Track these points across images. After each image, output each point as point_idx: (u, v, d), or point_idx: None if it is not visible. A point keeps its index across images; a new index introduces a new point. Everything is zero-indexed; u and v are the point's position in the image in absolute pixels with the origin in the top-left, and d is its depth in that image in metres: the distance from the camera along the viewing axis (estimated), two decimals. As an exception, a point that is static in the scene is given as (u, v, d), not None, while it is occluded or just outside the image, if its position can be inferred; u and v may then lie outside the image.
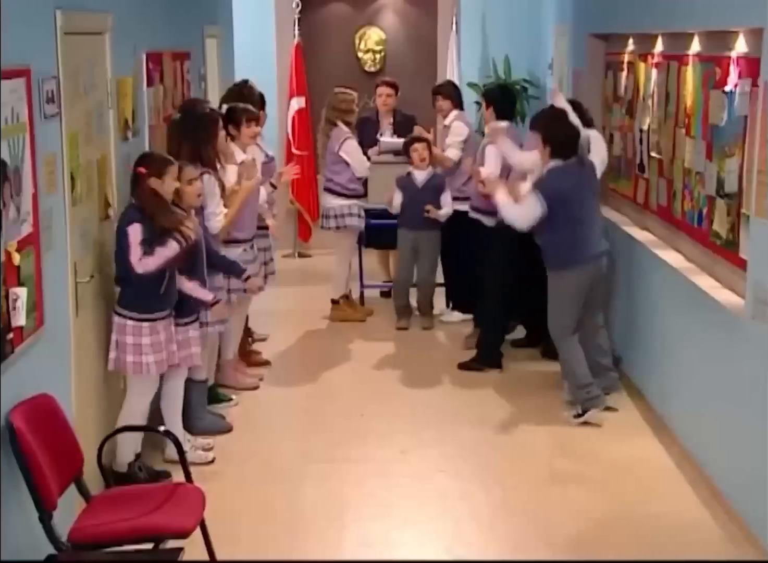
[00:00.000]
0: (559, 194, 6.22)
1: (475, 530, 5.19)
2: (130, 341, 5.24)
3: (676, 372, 6.12)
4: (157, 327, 5.28)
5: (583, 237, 6.34)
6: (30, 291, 4.19)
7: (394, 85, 9.06)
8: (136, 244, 5.14)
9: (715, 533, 5.07)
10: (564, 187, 6.26)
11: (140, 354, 5.24)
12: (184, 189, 5.65)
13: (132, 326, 5.23)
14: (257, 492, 5.57)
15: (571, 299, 6.39)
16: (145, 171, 5.28)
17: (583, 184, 6.38)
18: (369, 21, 11.55)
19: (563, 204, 6.21)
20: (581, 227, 6.33)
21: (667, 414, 6.28)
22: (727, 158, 5.54)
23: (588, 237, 6.38)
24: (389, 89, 8.97)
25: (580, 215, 6.32)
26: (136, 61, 6.17)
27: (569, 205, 6.24)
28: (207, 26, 8.64)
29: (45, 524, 3.89)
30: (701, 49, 6.09)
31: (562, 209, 6.21)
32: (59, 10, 4.68)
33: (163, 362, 5.35)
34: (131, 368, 5.27)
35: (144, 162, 5.34)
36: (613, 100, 8.15)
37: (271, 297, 8.31)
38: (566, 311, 6.40)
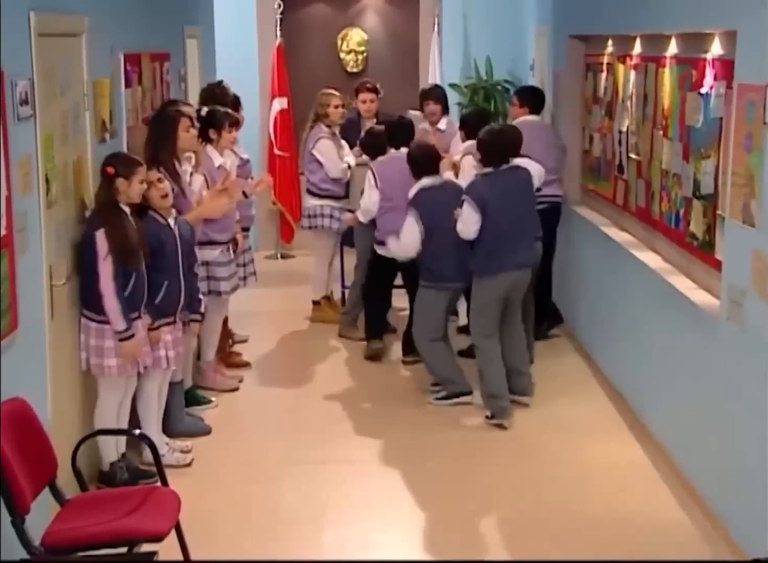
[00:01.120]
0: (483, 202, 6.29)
1: (453, 532, 5.20)
2: (92, 343, 5.23)
3: (653, 372, 6.13)
4: (135, 328, 5.26)
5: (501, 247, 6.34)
6: (4, 294, 4.18)
7: (376, 90, 8.97)
8: (105, 253, 5.11)
9: (692, 533, 5.09)
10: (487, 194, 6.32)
11: (102, 357, 5.23)
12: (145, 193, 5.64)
13: (95, 328, 5.22)
14: (236, 494, 5.56)
15: (483, 307, 6.42)
16: (113, 171, 5.24)
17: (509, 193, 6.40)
18: (351, 22, 11.54)
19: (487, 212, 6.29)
20: (502, 237, 6.33)
21: (644, 414, 6.30)
22: (703, 160, 5.56)
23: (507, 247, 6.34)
24: (371, 95, 8.87)
25: (501, 224, 6.32)
26: (113, 62, 6.15)
27: (492, 214, 6.29)
28: (187, 27, 8.62)
29: (17, 528, 3.87)
30: (678, 51, 6.11)
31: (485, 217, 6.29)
32: (33, 12, 4.66)
33: (127, 365, 5.33)
34: (94, 369, 5.27)
35: (112, 162, 5.31)
36: (593, 101, 8.16)
37: (252, 298, 8.33)
38: (482, 316, 6.43)
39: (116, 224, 5.16)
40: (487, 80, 10.85)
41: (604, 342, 7.25)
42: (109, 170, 5.26)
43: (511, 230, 6.35)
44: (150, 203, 5.64)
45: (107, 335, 5.23)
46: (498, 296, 6.39)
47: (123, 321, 5.19)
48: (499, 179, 6.41)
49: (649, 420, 6.20)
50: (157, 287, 5.61)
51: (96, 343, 5.23)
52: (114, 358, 5.26)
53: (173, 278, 5.72)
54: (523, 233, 6.47)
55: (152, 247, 5.56)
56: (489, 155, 6.44)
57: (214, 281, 6.75)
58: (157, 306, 5.60)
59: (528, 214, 6.55)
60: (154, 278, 5.58)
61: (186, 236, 5.83)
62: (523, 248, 6.46)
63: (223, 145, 6.86)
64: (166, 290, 5.65)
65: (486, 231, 6.30)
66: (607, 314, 7.15)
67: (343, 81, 10.80)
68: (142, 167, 5.37)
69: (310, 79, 11.07)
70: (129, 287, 5.27)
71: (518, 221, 6.41)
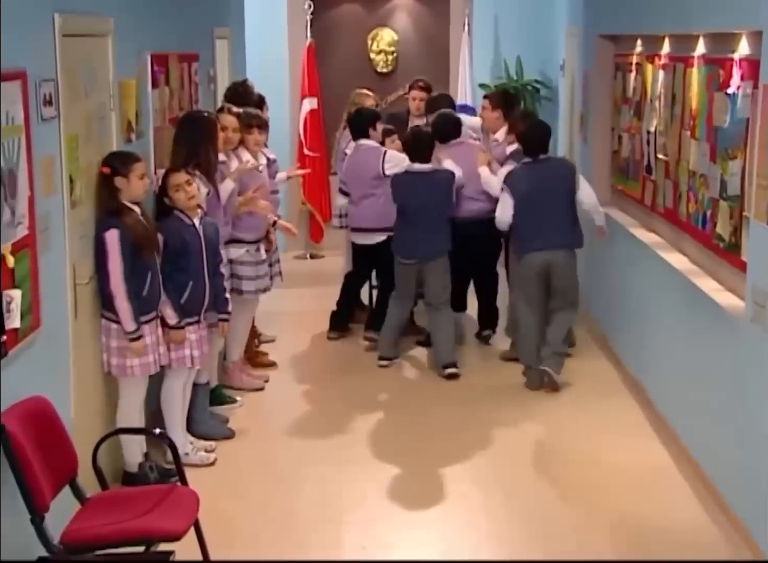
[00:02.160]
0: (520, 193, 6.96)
1: (472, 533, 5.18)
2: (114, 345, 5.24)
3: (678, 373, 6.09)
4: (143, 330, 5.28)
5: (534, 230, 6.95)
6: (25, 294, 4.20)
7: (429, 89, 8.88)
8: (115, 253, 5.11)
9: (714, 535, 5.06)
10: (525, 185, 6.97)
11: (125, 357, 5.24)
12: (171, 195, 5.67)
13: (116, 329, 5.23)
14: (257, 494, 5.57)
15: (522, 280, 7.12)
16: (108, 170, 5.20)
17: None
18: (381, 22, 11.53)
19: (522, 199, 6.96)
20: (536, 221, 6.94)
21: (669, 415, 6.26)
22: (730, 161, 5.51)
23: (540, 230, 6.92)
24: (423, 93, 8.73)
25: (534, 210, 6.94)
26: (140, 63, 6.18)
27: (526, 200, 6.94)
28: (217, 28, 8.65)
29: (37, 526, 3.90)
30: (706, 51, 6.06)
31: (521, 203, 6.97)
32: (57, 13, 4.70)
33: (150, 364, 5.35)
34: (116, 370, 5.28)
35: (108, 160, 5.27)
36: (622, 101, 8.11)
37: (281, 298, 8.34)
38: (524, 288, 7.10)
39: (123, 223, 5.15)
40: (518, 80, 10.80)
41: (631, 342, 7.20)
42: (104, 170, 5.21)
43: (544, 215, 6.91)
44: (175, 204, 5.68)
45: None
46: (535, 273, 6.96)
47: (133, 322, 5.18)
48: (536, 168, 7.01)
49: (673, 422, 6.16)
50: (182, 287, 5.64)
51: (118, 344, 5.24)
52: (137, 358, 5.28)
53: (198, 278, 5.74)
54: (556, 218, 6.95)
55: (176, 247, 5.59)
56: (529, 147, 7.06)
57: (237, 279, 6.77)
58: (182, 306, 5.62)
59: (563, 200, 7.01)
60: (178, 278, 5.60)
61: (211, 237, 5.85)
62: (556, 231, 6.94)
63: (252, 146, 6.88)
64: (190, 290, 5.67)
65: (522, 216, 6.94)
66: (635, 315, 7.10)
67: (373, 81, 10.80)
68: (140, 163, 5.30)
69: (340, 80, 11.09)
70: (146, 288, 5.28)
71: (551, 207, 6.95)
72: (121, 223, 5.13)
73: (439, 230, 7.30)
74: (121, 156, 5.35)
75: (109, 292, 5.16)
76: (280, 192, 8.17)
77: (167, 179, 5.71)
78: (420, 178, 7.29)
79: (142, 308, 5.30)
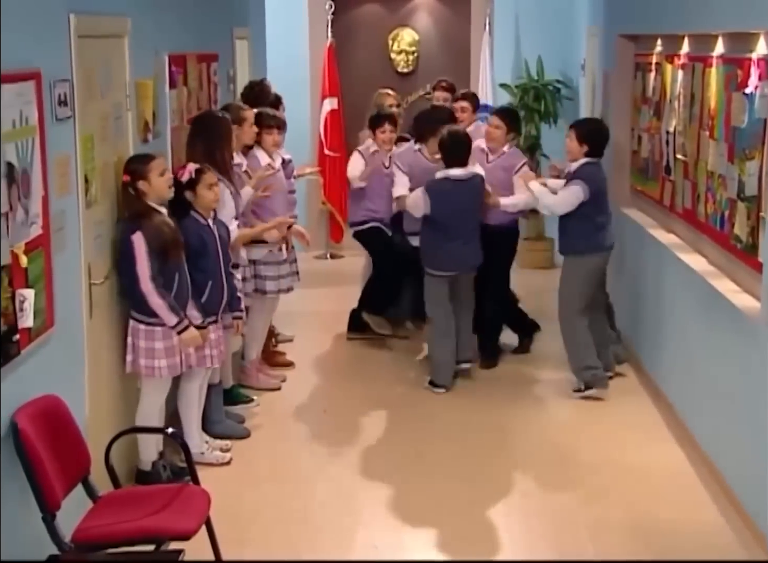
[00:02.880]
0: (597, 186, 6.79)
1: (488, 533, 5.17)
2: (142, 345, 5.26)
3: (696, 375, 6.06)
4: (170, 331, 5.29)
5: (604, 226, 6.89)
6: (39, 293, 4.22)
7: (451, 89, 8.83)
8: (143, 254, 5.13)
9: (730, 537, 5.03)
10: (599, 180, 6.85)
11: (153, 358, 5.26)
12: (202, 192, 5.69)
13: (144, 330, 5.25)
14: (271, 493, 5.58)
15: (584, 282, 6.83)
16: (128, 178, 5.22)
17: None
18: (402, 22, 11.53)
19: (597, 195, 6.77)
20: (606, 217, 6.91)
21: (686, 416, 6.23)
22: (748, 161, 5.47)
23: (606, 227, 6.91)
24: (445, 93, 8.65)
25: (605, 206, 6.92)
26: (157, 63, 6.19)
27: (600, 195, 6.82)
28: (237, 28, 8.67)
29: (48, 524, 3.92)
30: (724, 51, 6.02)
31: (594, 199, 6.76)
32: (73, 14, 4.71)
33: (177, 365, 5.37)
34: (144, 371, 5.30)
35: (126, 168, 5.28)
36: (642, 101, 8.07)
37: (300, 298, 8.32)
38: (578, 293, 6.83)
39: (151, 224, 5.17)
40: (538, 80, 10.77)
41: (650, 343, 7.17)
42: (125, 179, 5.23)
43: (609, 212, 6.98)
44: (198, 201, 5.68)
45: (157, 336, 5.27)
46: (596, 273, 6.90)
47: (173, 315, 5.23)
48: (601, 167, 6.93)
49: (691, 423, 6.13)
50: (202, 287, 5.66)
51: (146, 345, 5.26)
52: (165, 359, 5.30)
53: (216, 277, 5.76)
54: (610, 217, 7.03)
55: (195, 247, 5.61)
56: (599, 146, 6.88)
57: (260, 280, 6.80)
58: (203, 306, 5.64)
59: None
60: (197, 279, 5.61)
61: (224, 236, 5.87)
62: (611, 230, 6.98)
63: (270, 146, 6.89)
64: (210, 290, 5.70)
65: (596, 211, 6.80)
66: (653, 316, 7.07)
67: (393, 81, 10.81)
68: (157, 160, 5.32)
69: (360, 80, 11.10)
70: (174, 289, 5.30)
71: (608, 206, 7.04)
72: (147, 225, 5.16)
73: (476, 240, 7.04)
74: (136, 160, 5.37)
75: (140, 293, 5.18)
76: (300, 192, 8.19)
77: (202, 176, 5.69)
78: (459, 185, 6.92)
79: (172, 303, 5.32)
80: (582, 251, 6.81)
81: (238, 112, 6.47)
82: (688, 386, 6.24)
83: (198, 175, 5.69)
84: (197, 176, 5.69)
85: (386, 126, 7.79)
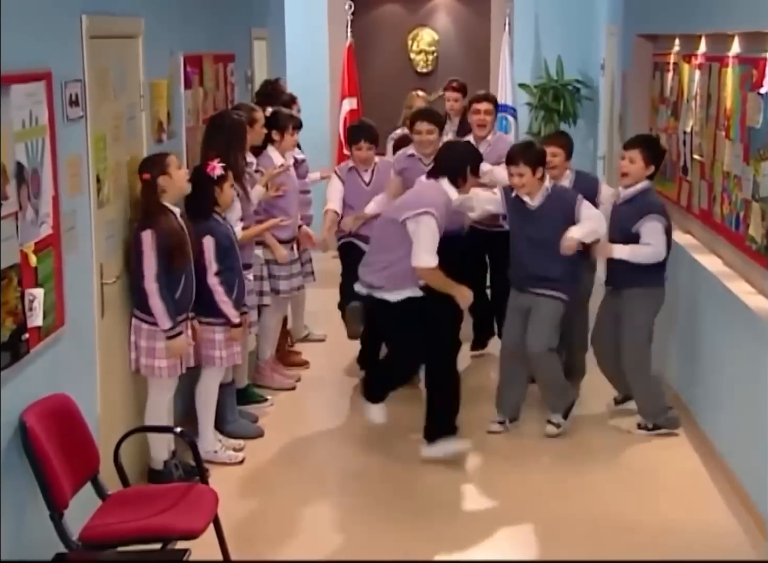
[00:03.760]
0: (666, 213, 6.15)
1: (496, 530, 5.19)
2: (143, 345, 5.27)
3: (709, 376, 6.04)
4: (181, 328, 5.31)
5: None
6: (49, 292, 4.25)
7: (461, 90, 8.75)
8: (151, 252, 5.14)
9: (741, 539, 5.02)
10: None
11: (153, 358, 5.27)
12: (227, 190, 5.72)
13: (146, 329, 5.26)
14: (284, 494, 5.58)
15: (653, 316, 6.19)
16: (149, 176, 5.23)
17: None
18: (422, 22, 11.53)
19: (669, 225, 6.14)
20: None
21: (700, 418, 6.23)
22: (763, 162, 5.44)
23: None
24: (456, 94, 8.59)
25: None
26: (172, 63, 6.21)
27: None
28: (255, 29, 8.69)
29: (56, 522, 3.94)
30: (740, 51, 5.99)
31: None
32: (85, 15, 4.74)
33: (176, 366, 5.37)
34: (144, 370, 5.32)
35: (144, 167, 5.30)
36: (660, 101, 8.04)
37: (317, 297, 8.33)
38: (649, 328, 6.18)
39: (162, 224, 5.19)
40: (558, 80, 10.75)
41: (664, 344, 7.12)
42: (144, 177, 5.25)
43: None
44: (222, 198, 5.71)
45: (159, 336, 5.27)
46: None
47: (168, 320, 5.21)
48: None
49: (705, 425, 6.10)
50: (232, 285, 5.72)
51: (147, 344, 5.27)
52: (165, 359, 5.31)
53: (240, 275, 5.84)
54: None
55: (226, 246, 5.67)
56: (659, 166, 6.23)
57: (275, 280, 6.82)
58: (235, 303, 5.71)
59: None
60: (228, 277, 5.67)
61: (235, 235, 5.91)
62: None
63: (285, 147, 6.89)
64: (237, 288, 5.75)
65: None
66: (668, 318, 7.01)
67: (413, 81, 10.84)
68: (171, 156, 5.35)
69: (380, 80, 11.12)
70: (179, 290, 5.30)
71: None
72: (158, 224, 5.17)
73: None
74: (152, 158, 5.40)
75: (143, 291, 5.20)
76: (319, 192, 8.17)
77: (228, 173, 5.73)
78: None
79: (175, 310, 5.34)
80: (658, 282, 6.11)
81: (250, 113, 6.46)
82: (702, 388, 6.21)
83: (226, 171, 5.74)
84: (225, 173, 5.73)
85: (362, 143, 7.10)
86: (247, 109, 6.53)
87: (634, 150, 6.02)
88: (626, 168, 6.03)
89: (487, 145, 7.21)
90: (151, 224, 5.18)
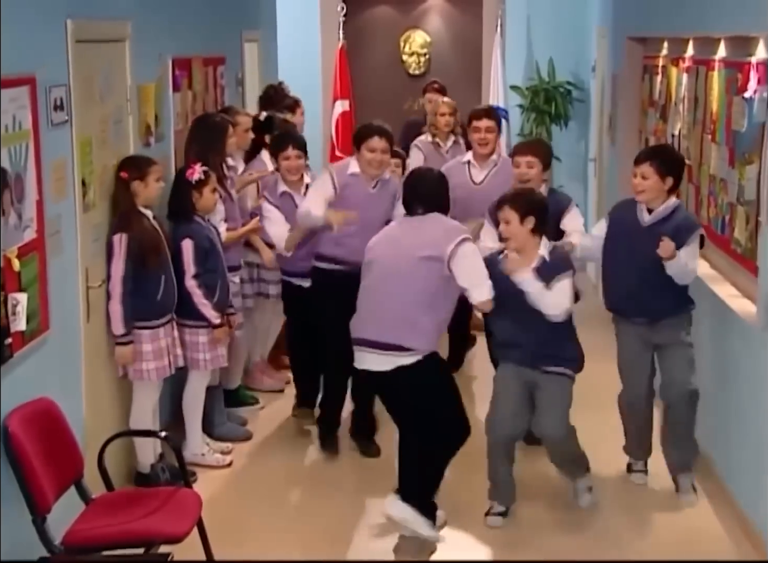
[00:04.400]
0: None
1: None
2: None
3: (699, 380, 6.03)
4: (158, 334, 5.32)
5: None
6: (33, 297, 4.26)
7: (442, 91, 8.68)
8: (119, 255, 5.14)
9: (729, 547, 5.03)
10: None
11: (141, 361, 5.27)
12: (207, 194, 5.71)
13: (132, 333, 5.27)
14: (271, 497, 5.59)
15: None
16: (126, 175, 5.24)
17: None
18: (414, 24, 11.56)
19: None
20: None
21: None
22: (747, 165, 5.46)
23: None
24: (437, 95, 8.51)
25: None
26: (161, 67, 6.21)
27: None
28: (246, 31, 8.68)
29: (38, 527, 3.95)
30: (726, 55, 6.00)
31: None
32: (70, 19, 4.74)
33: (165, 368, 5.38)
34: (132, 374, 5.32)
35: (125, 165, 5.31)
36: (649, 104, 8.06)
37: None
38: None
39: (134, 228, 5.19)
40: (549, 82, 10.76)
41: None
42: (122, 175, 5.26)
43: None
44: (202, 202, 5.69)
45: (144, 339, 5.28)
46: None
47: (122, 326, 5.18)
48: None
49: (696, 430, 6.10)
50: (213, 287, 5.69)
51: (133, 348, 5.26)
52: (153, 361, 5.32)
53: (223, 277, 5.82)
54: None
55: (205, 248, 5.63)
56: (681, 176, 5.52)
57: (264, 283, 6.81)
58: (216, 305, 5.69)
59: None
60: (209, 279, 5.65)
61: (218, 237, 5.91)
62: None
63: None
64: (219, 289, 5.73)
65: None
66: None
67: (405, 83, 10.89)
68: (157, 166, 5.36)
69: (372, 82, 11.14)
70: (160, 292, 5.31)
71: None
72: (131, 228, 5.17)
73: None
74: (137, 160, 5.40)
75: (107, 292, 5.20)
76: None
77: (209, 178, 5.71)
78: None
79: (158, 312, 5.35)
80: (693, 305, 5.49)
81: (233, 116, 6.46)
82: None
83: (206, 176, 5.73)
84: (206, 178, 5.72)
85: (290, 151, 6.39)
86: (232, 113, 6.54)
87: (644, 164, 5.32)
88: (640, 186, 5.33)
89: (492, 164, 6.67)
90: (123, 227, 5.18)
